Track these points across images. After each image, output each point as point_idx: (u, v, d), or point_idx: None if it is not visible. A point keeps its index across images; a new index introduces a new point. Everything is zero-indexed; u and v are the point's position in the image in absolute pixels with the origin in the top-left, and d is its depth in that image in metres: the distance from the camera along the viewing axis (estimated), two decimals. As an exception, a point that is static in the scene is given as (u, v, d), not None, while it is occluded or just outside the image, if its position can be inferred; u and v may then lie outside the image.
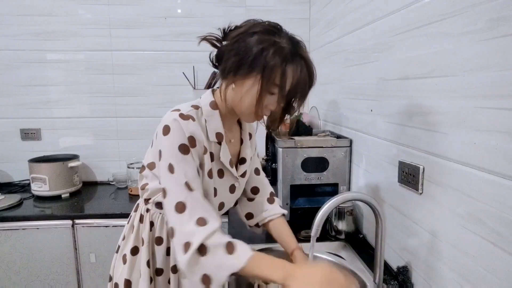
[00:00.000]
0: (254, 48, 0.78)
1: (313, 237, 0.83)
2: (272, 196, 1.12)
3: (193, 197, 0.77)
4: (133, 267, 0.95)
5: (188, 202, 0.76)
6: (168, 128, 0.80)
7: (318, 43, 1.99)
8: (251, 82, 0.80)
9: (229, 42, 0.83)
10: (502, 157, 0.68)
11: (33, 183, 1.92)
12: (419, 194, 0.98)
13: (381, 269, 0.95)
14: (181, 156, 0.79)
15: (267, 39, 0.79)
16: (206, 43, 0.87)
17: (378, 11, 1.20)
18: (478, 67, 0.74)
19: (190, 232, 0.73)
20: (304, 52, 0.83)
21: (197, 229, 0.73)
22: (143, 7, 2.10)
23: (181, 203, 0.76)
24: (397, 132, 1.10)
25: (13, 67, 2.08)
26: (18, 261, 1.71)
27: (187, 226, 0.74)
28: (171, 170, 0.78)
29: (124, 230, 1.02)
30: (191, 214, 0.75)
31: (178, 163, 0.78)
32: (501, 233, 0.69)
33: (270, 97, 0.82)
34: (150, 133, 0.86)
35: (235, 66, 0.80)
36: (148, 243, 0.93)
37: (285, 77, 0.79)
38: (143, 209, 0.96)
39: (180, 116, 0.81)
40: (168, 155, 0.79)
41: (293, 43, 0.81)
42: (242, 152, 1.00)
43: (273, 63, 0.77)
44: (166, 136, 0.80)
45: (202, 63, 2.14)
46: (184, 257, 0.72)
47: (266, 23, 0.83)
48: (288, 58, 0.79)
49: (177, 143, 0.79)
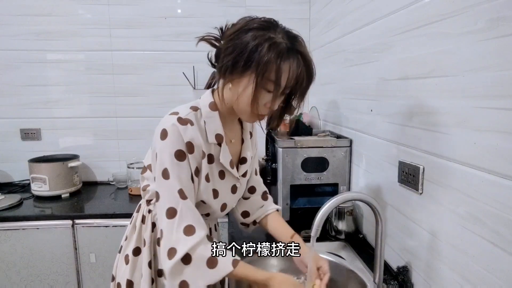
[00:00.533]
0: (249, 45, 0.76)
1: (313, 237, 0.83)
2: (266, 194, 1.14)
3: (185, 205, 0.79)
4: (135, 268, 0.95)
5: (179, 208, 0.79)
6: (166, 133, 0.79)
7: (318, 43, 1.99)
8: (247, 80, 0.78)
9: (225, 40, 0.81)
10: (502, 157, 0.68)
11: (33, 183, 1.92)
12: (419, 194, 0.98)
13: (381, 269, 0.95)
14: (176, 162, 0.79)
15: (261, 34, 0.76)
16: (205, 43, 0.86)
17: (378, 11, 1.20)
18: (478, 67, 0.74)
19: (177, 239, 0.77)
20: (302, 47, 0.79)
21: (183, 238, 0.77)
22: (143, 7, 2.10)
23: (172, 208, 0.79)
24: (397, 132, 1.10)
25: (13, 67, 2.08)
26: (18, 261, 1.71)
27: (175, 232, 0.78)
28: (166, 175, 0.79)
29: (126, 230, 1.02)
30: (180, 221, 0.78)
31: (173, 169, 0.79)
32: (501, 233, 0.69)
33: (266, 95, 0.80)
34: (150, 133, 0.86)
35: (231, 65, 0.78)
36: (150, 244, 0.93)
37: (280, 73, 0.76)
38: (145, 210, 0.96)
39: (178, 120, 0.80)
40: (164, 160, 0.79)
41: (289, 37, 0.78)
42: (243, 152, 1.00)
43: (267, 58, 0.74)
44: (163, 141, 0.79)
45: (202, 63, 2.10)
46: (168, 263, 0.76)
47: (261, 19, 0.80)
48: (283, 53, 0.75)
49: (173, 149, 0.79)
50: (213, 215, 0.97)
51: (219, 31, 0.86)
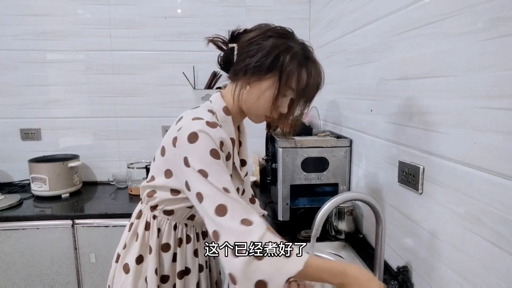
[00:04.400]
0: (271, 51, 0.80)
1: (313, 237, 0.84)
2: (253, 197, 1.14)
3: (232, 199, 0.73)
4: (138, 276, 0.92)
5: (228, 204, 0.72)
6: (196, 136, 0.76)
7: (318, 43, 1.99)
8: (267, 84, 0.82)
9: (240, 45, 0.84)
10: (502, 157, 0.68)
11: (33, 183, 1.92)
12: (419, 194, 0.98)
13: (381, 269, 0.95)
14: (213, 160, 0.76)
15: (282, 43, 0.81)
16: (212, 44, 0.87)
17: (378, 11, 1.20)
18: (478, 67, 0.74)
19: (241, 232, 0.68)
20: (314, 56, 0.86)
21: (247, 229, 0.68)
22: (143, 7, 2.10)
23: (221, 205, 0.72)
24: (397, 132, 1.10)
25: (13, 67, 2.08)
26: (18, 261, 1.71)
27: (234, 226, 0.69)
28: (205, 175, 0.75)
29: (124, 238, 0.98)
30: (233, 215, 0.71)
31: (211, 168, 0.75)
32: (501, 233, 0.69)
33: (282, 99, 0.85)
34: (150, 133, 0.86)
35: (251, 68, 0.81)
36: (156, 251, 0.91)
37: (301, 81, 0.82)
38: (148, 216, 0.93)
39: (208, 124, 0.78)
40: (199, 161, 0.75)
41: (303, 47, 0.84)
42: (242, 154, 1.01)
43: (290, 68, 0.80)
44: (193, 144, 0.76)
45: (202, 63, 2.14)
46: (238, 261, 0.65)
47: (279, 28, 0.85)
48: (303, 63, 0.82)
49: (208, 148, 0.76)
50: None
51: (229, 34, 0.87)
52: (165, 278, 0.92)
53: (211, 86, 2.08)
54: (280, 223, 1.51)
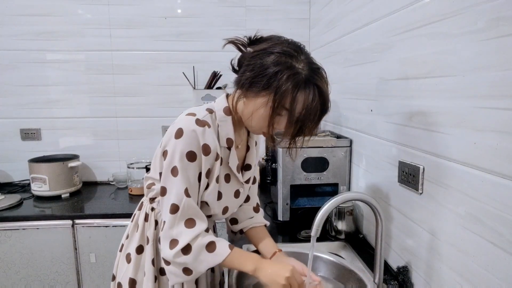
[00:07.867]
0: (269, 69, 0.78)
1: (313, 237, 0.83)
2: (258, 206, 1.14)
3: (188, 202, 0.83)
4: (138, 266, 0.96)
5: (182, 205, 0.82)
6: (181, 132, 0.81)
7: (318, 43, 1.99)
8: (262, 101, 0.80)
9: (249, 55, 0.83)
10: (502, 157, 0.68)
11: (33, 183, 1.92)
12: (419, 194, 0.98)
13: (381, 269, 0.95)
14: (186, 162, 0.81)
15: (284, 61, 0.78)
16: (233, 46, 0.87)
17: (378, 11, 1.20)
18: (478, 67, 0.74)
19: (179, 232, 0.82)
20: (320, 80, 0.81)
21: (185, 230, 0.82)
22: (143, 7, 2.10)
23: (176, 205, 0.82)
24: (397, 132, 1.10)
25: (13, 67, 2.08)
26: (18, 261, 1.71)
27: (177, 225, 0.82)
28: (175, 173, 0.81)
29: (127, 229, 1.02)
30: (182, 215, 0.82)
31: (182, 169, 0.81)
32: (501, 233, 0.69)
33: (278, 118, 0.82)
34: (150, 133, 0.87)
35: (248, 82, 0.81)
36: (153, 242, 0.93)
37: (295, 103, 0.78)
38: (148, 207, 0.97)
39: (197, 122, 0.82)
40: (175, 158, 0.81)
41: (311, 69, 0.80)
42: (248, 158, 1.02)
43: (284, 88, 0.77)
44: (177, 140, 0.81)
45: (202, 63, 2.14)
46: (170, 252, 0.81)
47: (286, 44, 0.81)
48: (301, 84, 0.78)
49: (186, 149, 0.81)
50: (214, 217, 0.99)
51: (247, 39, 0.87)
52: (163, 270, 0.93)
53: (211, 86, 2.08)
54: (280, 223, 1.51)
